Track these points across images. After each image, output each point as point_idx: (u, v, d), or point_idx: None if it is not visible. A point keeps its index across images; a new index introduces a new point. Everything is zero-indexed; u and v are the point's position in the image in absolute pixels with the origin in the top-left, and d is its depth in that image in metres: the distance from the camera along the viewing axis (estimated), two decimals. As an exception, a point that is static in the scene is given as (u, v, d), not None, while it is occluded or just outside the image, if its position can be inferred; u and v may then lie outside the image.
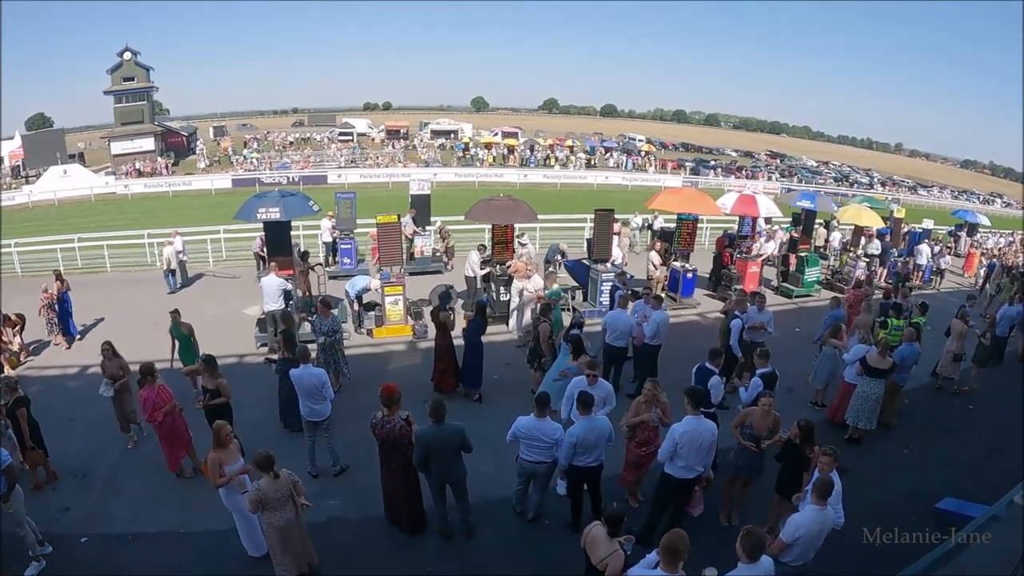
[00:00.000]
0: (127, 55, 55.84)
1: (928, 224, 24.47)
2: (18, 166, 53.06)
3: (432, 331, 10.76)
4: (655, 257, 16.05)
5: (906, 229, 22.45)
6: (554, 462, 6.94)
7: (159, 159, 54.24)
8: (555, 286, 12.32)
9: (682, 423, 6.62)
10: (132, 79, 56.30)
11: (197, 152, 59.47)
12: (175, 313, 10.37)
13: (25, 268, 19.66)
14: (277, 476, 5.96)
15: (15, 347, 12.18)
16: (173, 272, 16.77)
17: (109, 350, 9.10)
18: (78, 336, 13.60)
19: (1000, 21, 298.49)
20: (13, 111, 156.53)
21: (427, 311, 11.51)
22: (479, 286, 14.52)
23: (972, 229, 26.98)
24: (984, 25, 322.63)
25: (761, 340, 10.61)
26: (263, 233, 14.03)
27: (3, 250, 19.60)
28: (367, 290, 13.30)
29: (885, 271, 19.48)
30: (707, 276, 17.66)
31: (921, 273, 20.37)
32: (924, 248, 20.58)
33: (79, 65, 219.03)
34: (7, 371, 11.49)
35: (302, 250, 15.14)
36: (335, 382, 10.13)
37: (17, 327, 12.56)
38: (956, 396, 11.82)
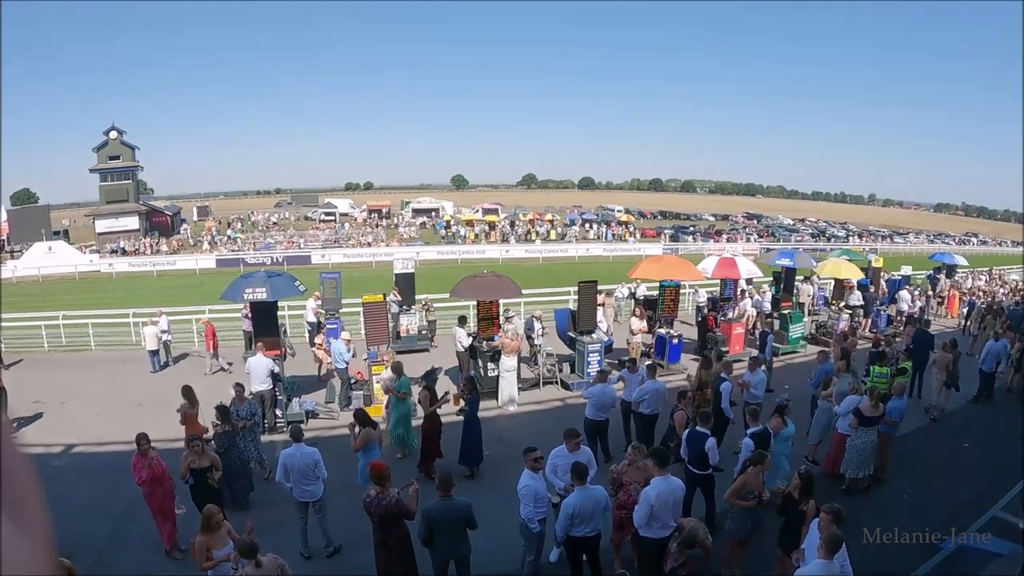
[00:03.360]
0: (113, 134, 56.50)
1: (907, 271, 24.92)
2: (2, 241, 52.96)
3: (420, 410, 10.74)
4: (635, 323, 16.21)
5: (886, 277, 22.89)
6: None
7: (144, 239, 54.30)
8: (404, 377, 11.38)
9: (652, 485, 6.71)
10: (118, 158, 56.80)
11: (182, 232, 59.65)
12: None
13: (8, 344, 19.30)
14: (259, 564, 5.88)
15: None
16: (156, 352, 16.72)
17: None
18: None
19: (962, 61, 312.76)
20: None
21: (416, 391, 11.45)
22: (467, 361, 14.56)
23: (951, 271, 27.47)
24: (947, 66, 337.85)
25: (754, 401, 10.65)
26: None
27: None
28: (348, 352, 13.34)
29: (869, 321, 19.73)
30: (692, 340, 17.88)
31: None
32: (904, 295, 21.00)
33: (65, 142, 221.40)
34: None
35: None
36: (260, 469, 10.26)
37: None
38: (949, 435, 12.02)
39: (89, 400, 14.38)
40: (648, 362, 12.46)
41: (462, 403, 10.53)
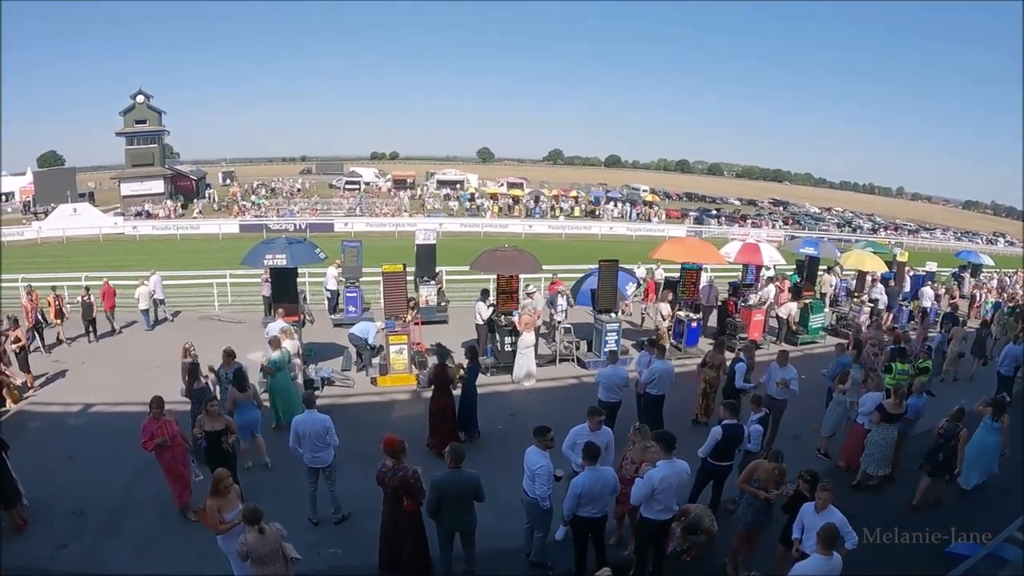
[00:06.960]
0: (140, 98, 57.11)
1: (932, 267, 24.46)
2: (29, 202, 53.85)
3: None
4: (664, 308, 16.03)
5: (911, 272, 22.50)
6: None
7: (168, 202, 54.91)
8: (278, 352, 10.92)
9: (659, 468, 6.64)
10: (144, 122, 57.54)
11: (207, 197, 60.13)
12: None
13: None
14: (262, 531, 5.90)
15: (17, 381, 12.12)
16: (147, 311, 17.12)
17: None
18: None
19: (998, 57, 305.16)
20: (26, 148, 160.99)
21: (431, 360, 11.42)
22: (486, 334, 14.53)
23: (976, 270, 26.94)
24: (983, 63, 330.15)
25: (784, 398, 10.43)
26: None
27: (5, 285, 19.88)
28: (374, 335, 13.36)
29: (891, 315, 19.42)
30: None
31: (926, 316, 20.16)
32: (927, 291, 20.62)
33: (92, 105, 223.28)
34: (9, 405, 11.56)
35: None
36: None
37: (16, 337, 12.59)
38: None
39: (108, 360, 14.59)
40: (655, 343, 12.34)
41: (462, 372, 10.55)
